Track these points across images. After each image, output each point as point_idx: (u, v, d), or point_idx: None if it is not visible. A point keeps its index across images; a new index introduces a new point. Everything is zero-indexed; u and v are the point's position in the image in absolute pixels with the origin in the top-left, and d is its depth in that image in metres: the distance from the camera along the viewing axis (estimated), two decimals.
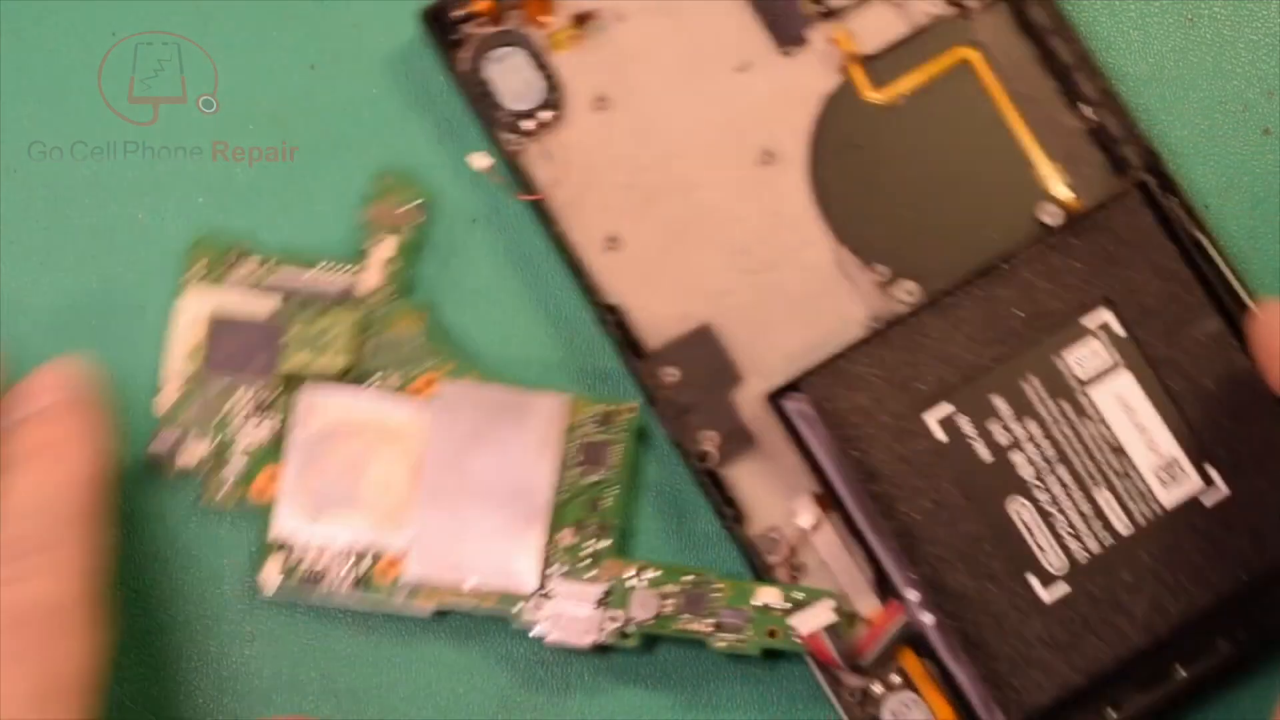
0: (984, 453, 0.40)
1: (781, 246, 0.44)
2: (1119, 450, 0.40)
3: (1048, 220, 0.43)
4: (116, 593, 0.39)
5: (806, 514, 0.42)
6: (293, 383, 0.43)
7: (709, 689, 0.43)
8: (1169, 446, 0.40)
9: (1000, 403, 0.41)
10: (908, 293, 0.43)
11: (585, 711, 0.42)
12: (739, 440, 0.43)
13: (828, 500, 0.41)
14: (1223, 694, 0.42)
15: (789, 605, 0.41)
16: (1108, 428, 0.41)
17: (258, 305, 0.44)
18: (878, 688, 0.41)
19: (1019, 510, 0.40)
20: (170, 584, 0.43)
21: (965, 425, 0.40)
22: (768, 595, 0.41)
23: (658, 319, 0.43)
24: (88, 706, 0.38)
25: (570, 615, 0.41)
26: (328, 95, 0.46)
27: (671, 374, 0.43)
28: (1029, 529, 0.40)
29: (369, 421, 0.43)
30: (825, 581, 0.42)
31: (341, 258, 0.44)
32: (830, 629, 0.41)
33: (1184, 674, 0.40)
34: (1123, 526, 0.40)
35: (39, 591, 0.38)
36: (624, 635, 0.41)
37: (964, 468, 0.40)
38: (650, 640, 0.42)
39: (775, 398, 0.41)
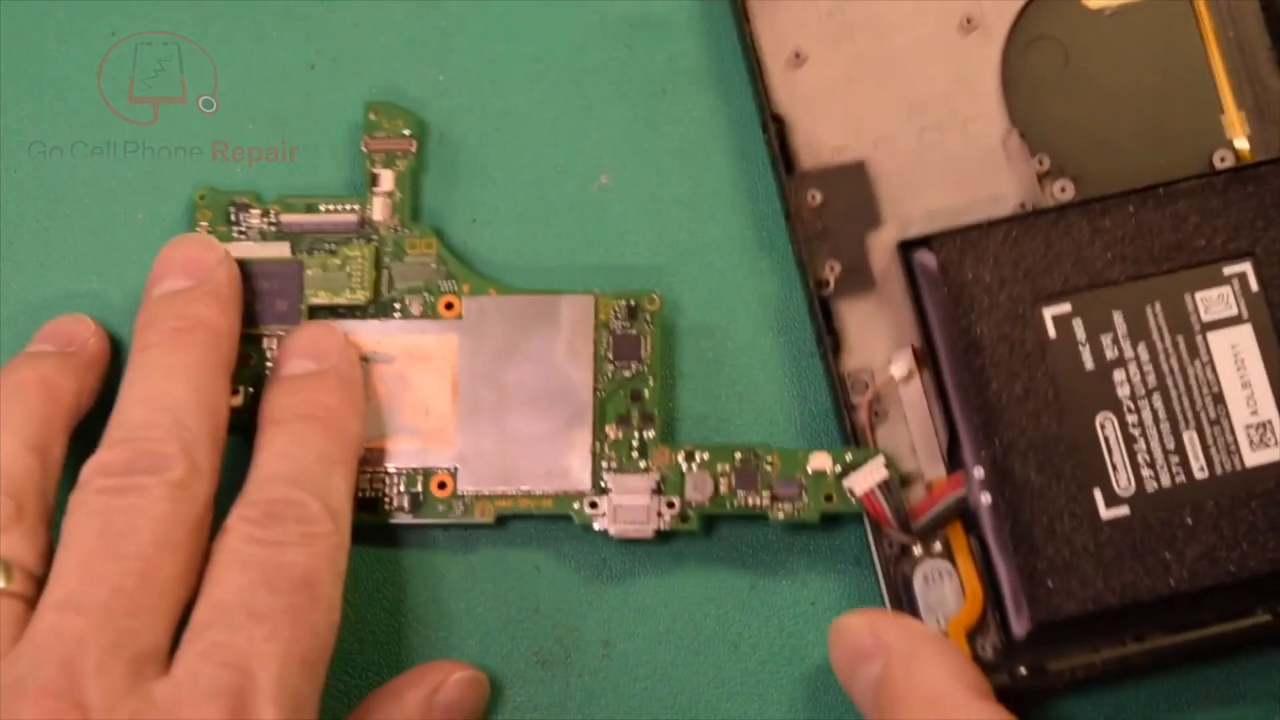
0: (1088, 361, 0.41)
1: (956, 111, 0.44)
2: (1219, 398, 0.41)
3: (1217, 163, 0.44)
4: None
5: (902, 365, 0.42)
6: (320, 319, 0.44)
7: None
8: (1269, 410, 0.41)
9: (1119, 319, 0.41)
10: (1061, 189, 0.43)
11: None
12: (859, 279, 0.43)
13: (925, 359, 0.42)
14: (1247, 661, 0.42)
15: (841, 468, 0.42)
16: (1214, 374, 0.41)
17: (269, 253, 0.44)
18: (918, 550, 0.42)
19: (1104, 425, 0.40)
20: None
21: (1079, 329, 0.41)
22: (819, 461, 0.42)
23: (817, 143, 0.44)
24: (321, 685, 0.38)
25: (628, 507, 0.42)
26: (328, 95, 0.46)
27: (815, 197, 0.43)
28: (1108, 446, 0.40)
29: (399, 349, 0.43)
30: (900, 436, 0.42)
31: (343, 196, 0.45)
32: (883, 486, 0.41)
33: (1214, 629, 0.40)
34: (1199, 471, 0.40)
35: (312, 559, 0.38)
36: (683, 519, 0.42)
37: (1065, 369, 0.40)
38: (710, 521, 0.43)
39: (906, 247, 0.42)
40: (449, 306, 0.44)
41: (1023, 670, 0.40)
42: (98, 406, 0.42)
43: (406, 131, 0.45)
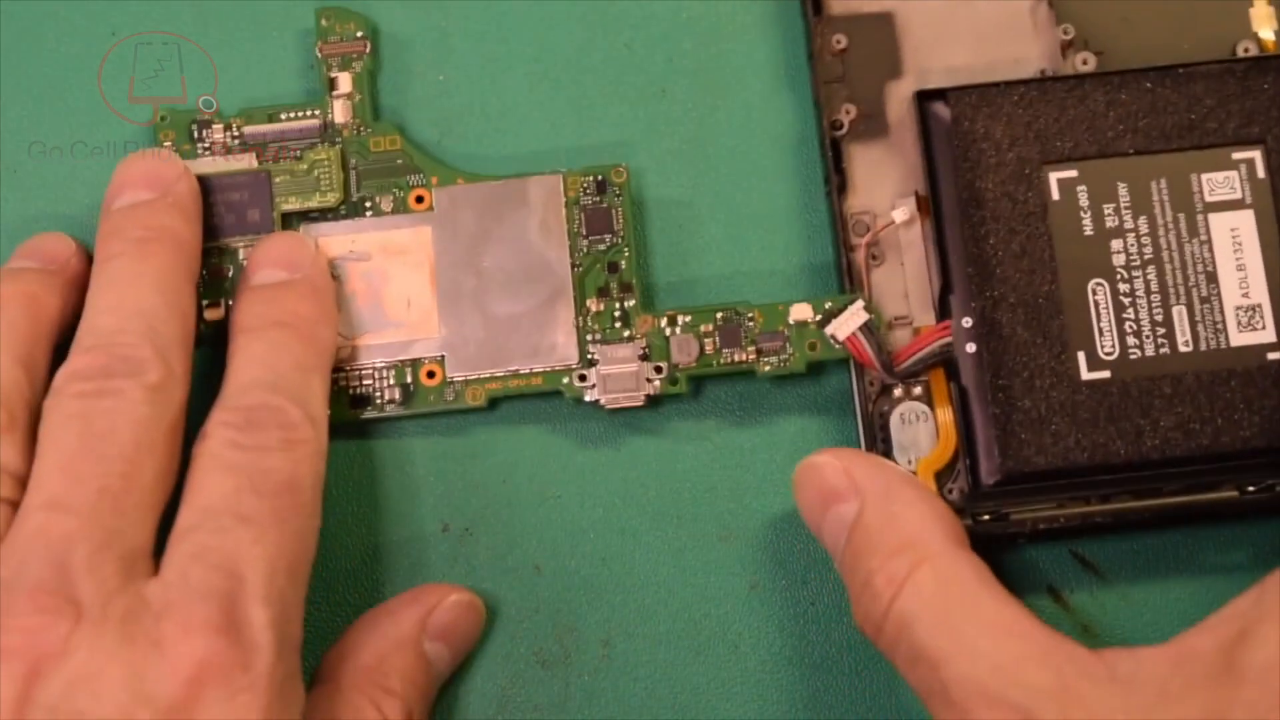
0: (1088, 227, 0.41)
1: None
2: (1212, 277, 0.41)
3: (1240, 52, 0.44)
4: None
5: (904, 211, 0.43)
6: (291, 227, 0.44)
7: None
8: (1260, 294, 0.41)
9: (1123, 190, 0.41)
10: (1083, 61, 0.44)
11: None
12: (872, 125, 0.44)
13: (928, 208, 0.42)
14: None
15: (821, 317, 0.43)
16: (1211, 253, 0.41)
17: (236, 165, 0.44)
18: (898, 391, 0.42)
19: (1095, 290, 0.41)
20: None
21: (1082, 195, 0.41)
22: (800, 312, 0.43)
23: None
24: (304, 591, 0.39)
25: (617, 375, 0.43)
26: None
27: (840, 41, 0.44)
28: (1097, 311, 0.41)
29: (374, 245, 0.44)
30: (895, 280, 0.43)
31: (302, 104, 0.45)
32: (865, 329, 0.42)
33: (1179, 499, 0.41)
34: (1184, 344, 0.41)
35: (294, 465, 0.39)
36: (672, 383, 0.43)
37: (1064, 231, 0.41)
38: (698, 382, 0.44)
39: (922, 97, 0.43)
40: (419, 200, 0.44)
41: (985, 516, 0.41)
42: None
43: (359, 34, 0.45)
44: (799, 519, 0.41)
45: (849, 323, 0.42)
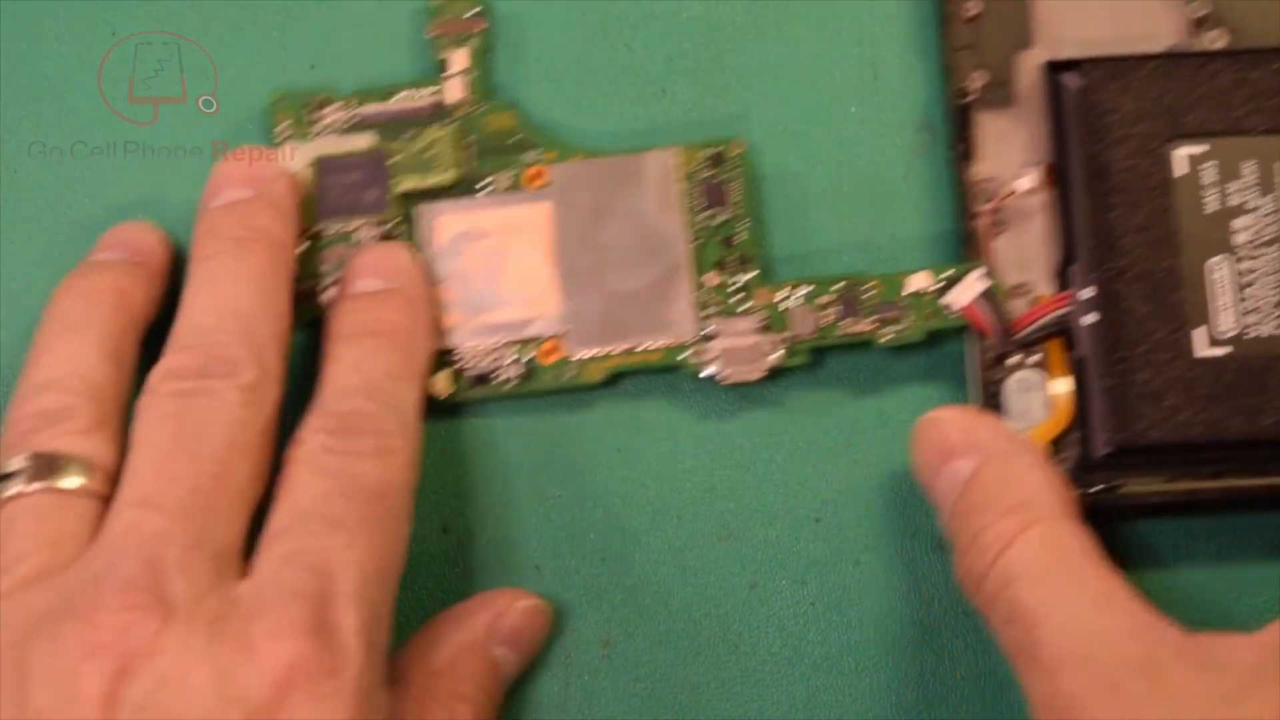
0: (1212, 204, 0.41)
1: None
2: None
3: None
4: None
5: (1030, 179, 0.43)
6: (408, 207, 0.44)
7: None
8: None
9: (1249, 169, 0.41)
10: (1214, 38, 0.44)
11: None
12: (1000, 94, 0.44)
13: (1053, 178, 0.43)
14: None
15: (941, 285, 0.43)
16: None
17: (351, 145, 0.45)
18: (1014, 359, 0.43)
19: (1216, 267, 0.41)
20: None
21: (1207, 172, 0.41)
22: (919, 281, 0.43)
23: None
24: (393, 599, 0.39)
25: (736, 349, 0.43)
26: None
27: (972, 9, 0.44)
28: (1218, 288, 0.41)
29: (492, 224, 0.44)
30: (1015, 248, 0.43)
31: (418, 82, 0.45)
32: (985, 296, 0.42)
33: None
34: None
35: (387, 471, 0.39)
36: (791, 355, 0.43)
37: (1187, 208, 0.41)
38: (818, 353, 0.44)
39: (1054, 67, 0.43)
40: (536, 177, 0.44)
41: (1095, 488, 0.41)
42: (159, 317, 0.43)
43: (472, 12, 0.45)
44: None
45: (968, 290, 0.42)
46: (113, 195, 0.45)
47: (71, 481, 0.39)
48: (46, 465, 0.39)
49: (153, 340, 0.42)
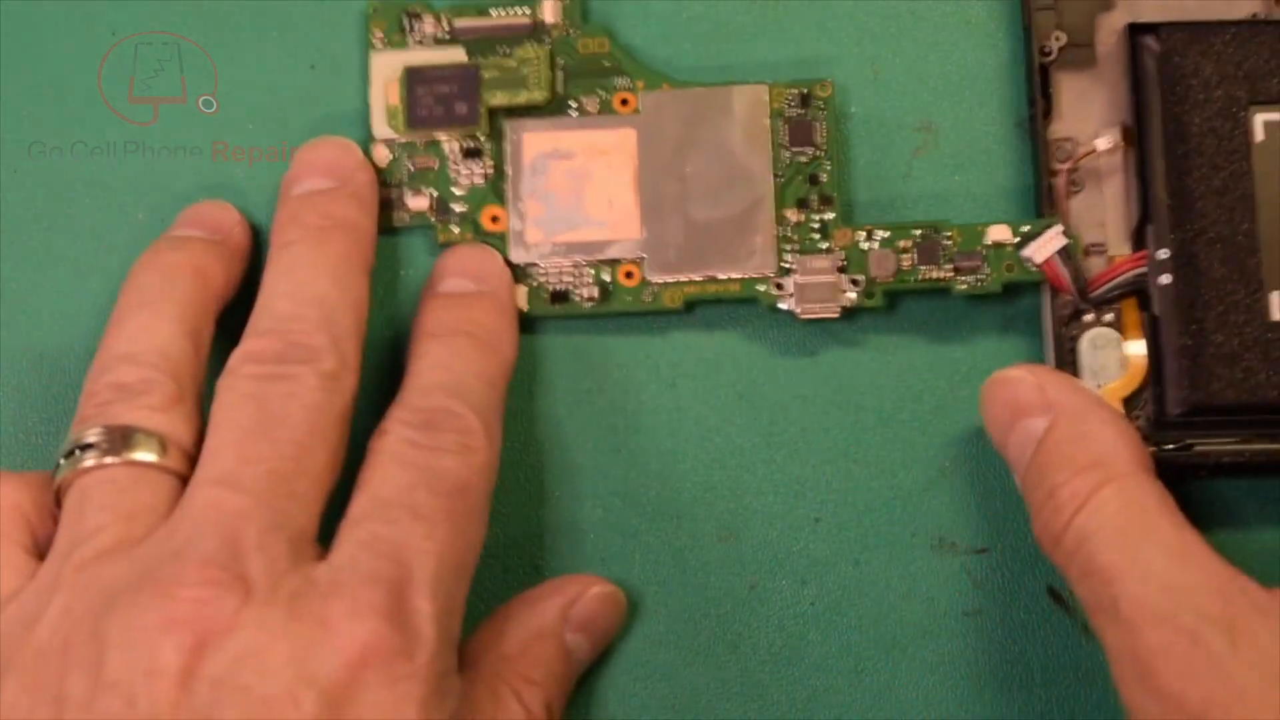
0: None
1: None
2: None
3: None
4: None
5: (1108, 139, 0.43)
6: (497, 122, 0.45)
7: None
8: None
9: None
10: None
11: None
12: (1080, 55, 0.44)
13: (1132, 139, 0.43)
14: None
15: (1019, 239, 0.43)
16: None
17: (445, 57, 0.45)
18: (1090, 316, 0.43)
19: None
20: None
21: None
22: (999, 233, 0.43)
23: None
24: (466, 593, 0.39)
25: (813, 285, 0.43)
26: (328, 95, 0.46)
27: None
28: None
29: (578, 145, 0.45)
30: (1093, 207, 0.44)
31: (514, 1, 0.45)
32: (1063, 253, 0.43)
33: None
34: None
35: (468, 470, 0.39)
36: (868, 296, 0.43)
37: (1266, 173, 0.41)
38: (893, 297, 0.44)
39: (1134, 30, 0.43)
40: (624, 103, 0.45)
41: (1169, 446, 0.42)
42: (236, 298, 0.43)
43: None
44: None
45: (1047, 246, 0.43)
46: (113, 195, 0.46)
47: (148, 456, 0.39)
48: (122, 438, 0.39)
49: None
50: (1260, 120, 0.42)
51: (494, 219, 0.44)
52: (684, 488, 0.44)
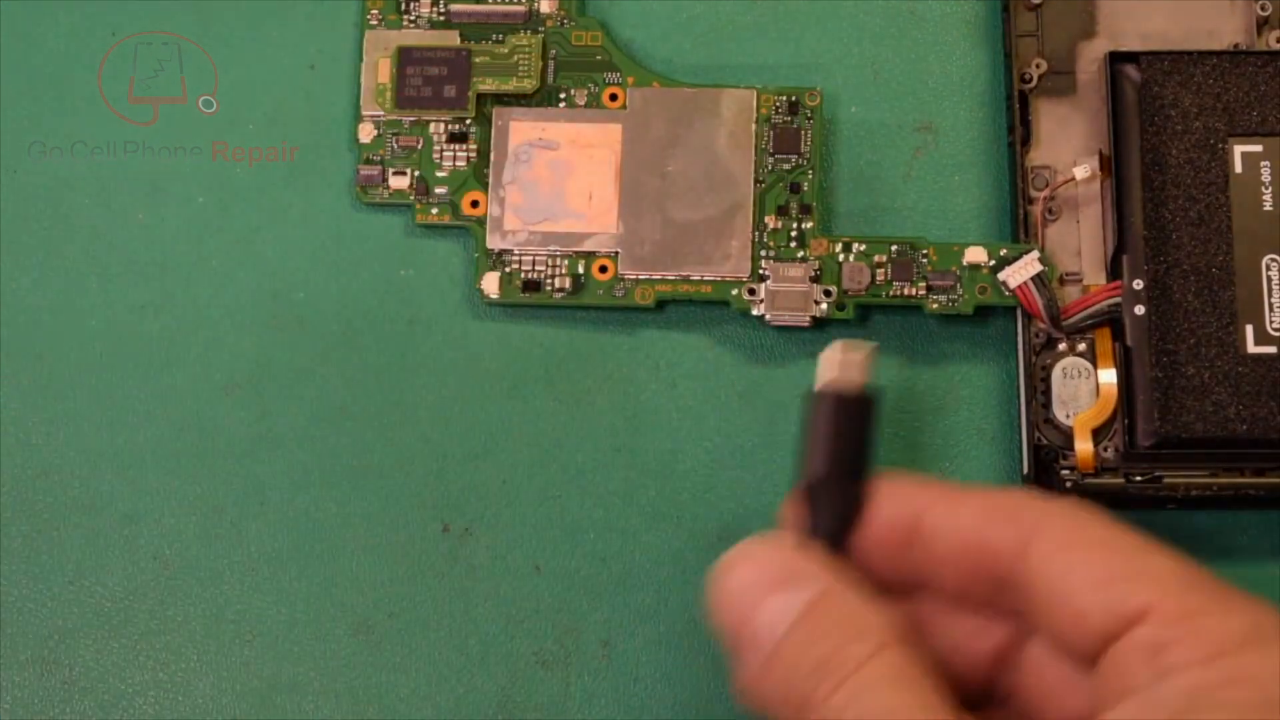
0: (1268, 202, 0.41)
1: None
2: None
3: None
4: None
5: (1085, 168, 0.43)
6: (485, 108, 0.45)
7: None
8: None
9: None
10: (1277, 39, 0.44)
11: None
12: (1061, 82, 0.44)
13: (1109, 168, 0.43)
14: None
15: (995, 262, 0.43)
16: None
17: (438, 40, 0.45)
18: (1063, 345, 0.43)
19: (1270, 265, 0.41)
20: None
21: (1264, 171, 0.42)
22: (975, 254, 0.43)
23: None
24: None
25: (786, 294, 0.43)
26: (328, 95, 0.46)
27: None
28: (1269, 286, 0.41)
29: (564, 136, 0.45)
30: (1069, 235, 0.43)
31: None
32: (1037, 280, 0.42)
33: None
34: None
35: None
36: (839, 308, 0.43)
37: (1243, 204, 0.41)
38: (865, 310, 0.44)
39: (1114, 59, 0.43)
40: (613, 98, 0.45)
41: (1138, 478, 0.42)
42: None
43: None
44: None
45: (1022, 272, 0.42)
46: (113, 195, 0.46)
47: None
48: None
49: None
50: (1239, 151, 0.42)
51: (474, 204, 0.45)
52: (684, 488, 0.44)
